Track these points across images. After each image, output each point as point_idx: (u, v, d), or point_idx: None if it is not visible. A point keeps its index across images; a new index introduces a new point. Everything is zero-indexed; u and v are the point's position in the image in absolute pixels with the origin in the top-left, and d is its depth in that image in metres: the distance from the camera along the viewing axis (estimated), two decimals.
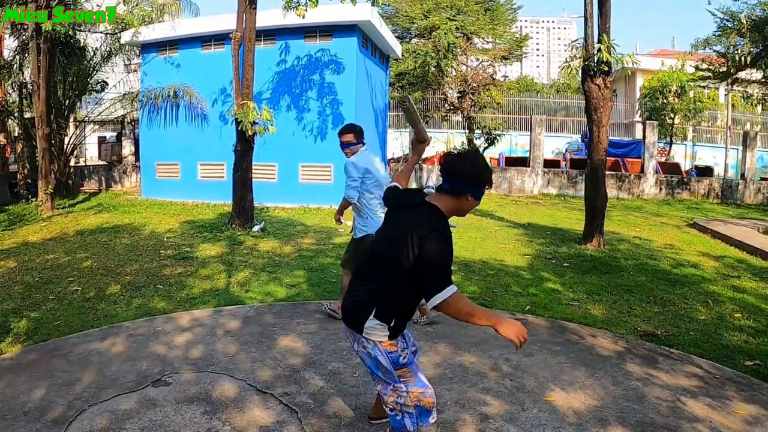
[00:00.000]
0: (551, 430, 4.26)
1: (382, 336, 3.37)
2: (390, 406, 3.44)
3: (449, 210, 3.37)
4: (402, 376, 3.41)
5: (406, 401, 3.39)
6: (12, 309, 7.33)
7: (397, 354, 3.40)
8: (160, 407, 4.54)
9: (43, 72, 16.43)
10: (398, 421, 3.44)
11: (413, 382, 3.43)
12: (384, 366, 3.39)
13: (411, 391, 3.40)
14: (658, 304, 7.86)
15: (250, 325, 6.59)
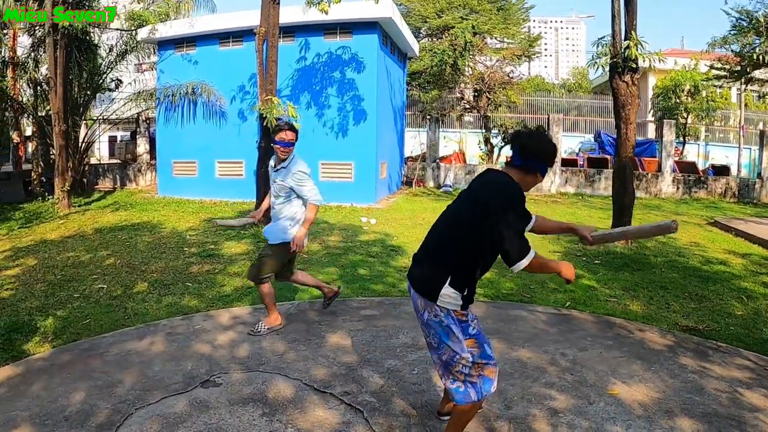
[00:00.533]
0: (622, 423, 4.24)
1: (456, 305, 3.49)
2: (453, 377, 3.56)
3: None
4: (470, 346, 3.52)
5: (471, 371, 3.51)
6: (37, 307, 7.24)
7: (467, 323, 3.55)
8: (214, 409, 4.39)
9: (60, 68, 16.35)
10: (462, 393, 3.53)
11: (479, 353, 3.54)
12: (455, 335, 3.50)
13: (477, 362, 3.52)
14: (694, 300, 7.85)
15: (294, 322, 6.49)
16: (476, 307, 6.85)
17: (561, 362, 5.38)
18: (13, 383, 4.83)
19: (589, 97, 37.73)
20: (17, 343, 5.96)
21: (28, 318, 6.76)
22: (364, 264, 9.50)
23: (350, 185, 17.02)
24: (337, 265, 9.43)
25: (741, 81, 25.21)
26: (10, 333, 6.19)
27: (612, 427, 4.17)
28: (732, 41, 24.46)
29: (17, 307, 7.25)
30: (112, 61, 21.55)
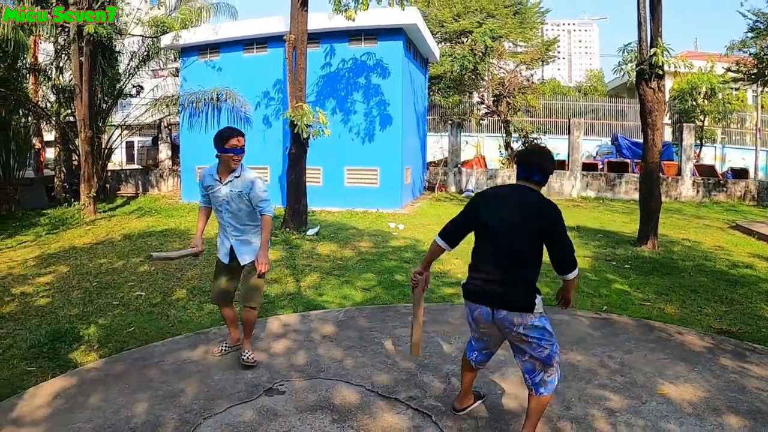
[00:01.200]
0: (675, 420, 4.46)
1: (542, 306, 3.91)
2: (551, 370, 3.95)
3: None
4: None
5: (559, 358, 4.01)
6: (77, 315, 7.25)
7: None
8: (283, 417, 4.44)
9: (85, 75, 16.50)
10: (553, 382, 3.96)
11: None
12: (549, 330, 3.92)
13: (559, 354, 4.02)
14: (725, 304, 8.00)
15: (346, 329, 6.55)
16: None
17: (610, 364, 5.57)
18: (69, 395, 4.84)
19: (604, 99, 37.69)
20: (62, 351, 5.97)
21: (69, 326, 6.76)
22: (399, 270, 9.56)
23: (376, 191, 17.12)
24: (373, 271, 9.49)
25: (758, 83, 25.27)
26: (53, 341, 6.20)
27: (666, 424, 4.37)
28: (750, 44, 24.51)
29: (56, 314, 7.28)
30: (134, 68, 21.73)
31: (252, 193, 5.31)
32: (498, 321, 3.89)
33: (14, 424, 4.34)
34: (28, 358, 5.78)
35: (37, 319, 7.08)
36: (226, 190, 5.34)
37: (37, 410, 4.56)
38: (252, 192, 5.31)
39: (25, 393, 4.90)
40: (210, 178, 5.47)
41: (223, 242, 5.66)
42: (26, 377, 5.32)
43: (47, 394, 4.87)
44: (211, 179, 5.45)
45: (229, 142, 5.21)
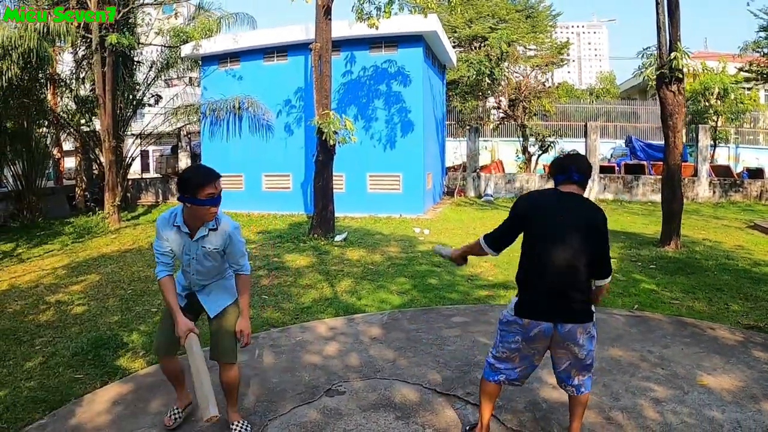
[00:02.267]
0: (717, 408, 4.71)
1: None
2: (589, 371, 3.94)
3: None
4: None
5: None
6: (117, 322, 7.35)
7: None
8: (348, 416, 4.58)
9: (108, 84, 16.74)
10: (590, 379, 3.99)
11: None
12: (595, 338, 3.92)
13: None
14: (749, 300, 8.20)
15: (393, 331, 6.70)
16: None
17: (650, 358, 5.81)
18: (127, 400, 4.92)
19: (617, 102, 37.80)
20: (107, 358, 6.04)
21: (111, 333, 6.85)
22: (431, 274, 9.72)
23: (399, 196, 17.28)
24: (405, 275, 9.64)
25: None
26: (96, 349, 6.28)
27: (709, 412, 4.64)
28: (763, 44, 24.64)
29: (96, 322, 7.38)
30: (154, 77, 21.97)
31: (229, 248, 4.22)
32: (561, 336, 3.73)
33: (75, 430, 4.42)
34: (74, 366, 5.86)
35: (76, 327, 7.18)
36: (203, 244, 4.17)
37: (98, 417, 4.64)
38: (230, 248, 4.22)
39: (81, 399, 5.00)
40: (173, 231, 4.20)
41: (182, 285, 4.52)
42: (74, 384, 5.39)
43: (105, 400, 4.96)
44: (176, 232, 4.19)
45: (203, 191, 3.93)
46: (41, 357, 6.14)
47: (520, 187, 23.00)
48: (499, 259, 10.70)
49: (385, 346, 6.19)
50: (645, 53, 13.68)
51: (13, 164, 18.63)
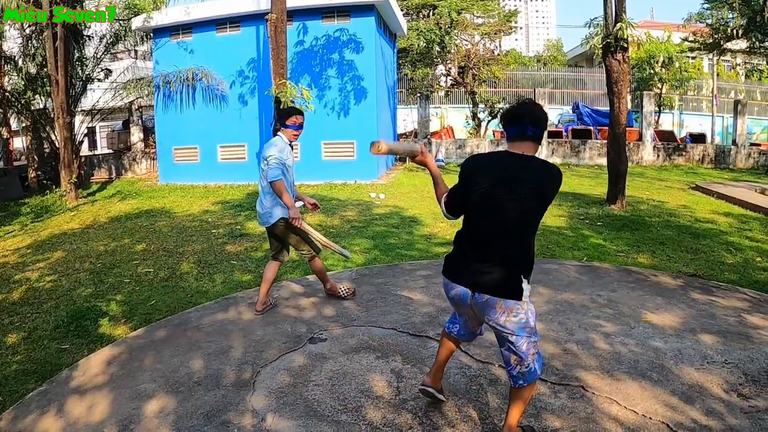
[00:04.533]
0: (660, 339, 5.29)
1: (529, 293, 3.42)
2: (529, 361, 3.44)
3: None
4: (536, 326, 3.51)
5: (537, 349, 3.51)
6: (92, 294, 7.50)
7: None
8: (332, 359, 4.94)
9: (61, 60, 16.44)
10: (534, 372, 3.47)
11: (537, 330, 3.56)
12: (532, 324, 3.45)
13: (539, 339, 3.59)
14: (690, 253, 8.95)
15: (362, 285, 7.04)
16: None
17: (599, 301, 6.37)
18: (121, 361, 5.12)
19: (565, 69, 38.43)
20: (90, 328, 6.25)
21: (88, 305, 7.03)
22: (390, 234, 10.11)
23: (353, 163, 17.50)
24: (365, 237, 10.00)
25: (714, 53, 26.18)
26: (77, 320, 6.47)
27: (654, 342, 5.21)
28: (707, 16, 25.39)
29: (71, 295, 7.51)
30: (104, 51, 21.63)
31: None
32: (479, 306, 3.47)
33: (77, 392, 4.61)
34: (57, 338, 6.05)
35: (52, 302, 7.30)
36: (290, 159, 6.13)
37: (95, 377, 4.85)
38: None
39: (76, 365, 5.18)
40: (284, 150, 6.09)
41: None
42: (62, 354, 5.60)
43: (99, 362, 5.16)
44: (285, 151, 6.10)
45: (297, 119, 6.15)
46: (23, 332, 6.29)
47: (471, 152, 23.27)
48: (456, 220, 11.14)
49: (358, 298, 6.55)
50: (592, 23, 14.17)
51: None
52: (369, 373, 4.67)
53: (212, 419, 4.05)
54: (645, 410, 4.02)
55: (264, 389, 4.46)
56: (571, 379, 4.49)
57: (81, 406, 4.38)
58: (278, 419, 4.01)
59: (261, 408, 4.17)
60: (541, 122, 3.47)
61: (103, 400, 4.44)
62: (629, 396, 4.21)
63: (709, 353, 4.92)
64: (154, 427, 3.99)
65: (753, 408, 4.02)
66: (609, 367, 4.70)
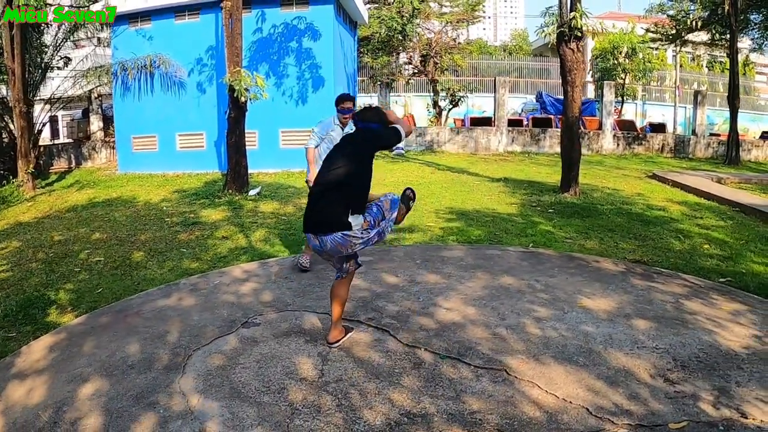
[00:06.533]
0: (592, 324, 5.31)
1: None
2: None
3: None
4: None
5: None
6: (41, 283, 7.60)
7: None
8: (263, 342, 5.03)
9: (17, 47, 16.27)
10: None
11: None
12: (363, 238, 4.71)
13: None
14: (638, 240, 9.05)
15: (302, 271, 7.12)
16: (456, 249, 8.03)
17: (536, 286, 6.40)
18: (62, 347, 5.21)
19: (529, 59, 38.74)
20: (37, 317, 6.36)
21: (37, 294, 7.13)
22: None
23: None
24: None
25: (676, 44, 26.55)
26: (25, 308, 6.57)
27: (585, 327, 5.23)
28: (667, 8, 25.75)
29: (21, 285, 7.61)
30: (62, 39, 21.34)
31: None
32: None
33: (17, 377, 4.70)
34: (5, 327, 6.12)
35: (2, 292, 7.38)
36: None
37: (36, 363, 4.93)
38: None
39: (18, 352, 5.25)
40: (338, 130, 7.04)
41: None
42: (9, 342, 5.67)
43: (40, 349, 5.23)
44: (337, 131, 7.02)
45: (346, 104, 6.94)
46: None
47: (431, 140, 23.40)
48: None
49: (296, 284, 6.64)
50: (547, 12, 14.30)
51: None
52: (296, 356, 4.77)
53: (141, 400, 4.15)
54: (566, 394, 4.05)
55: (193, 372, 4.55)
56: (495, 363, 4.54)
57: (20, 390, 4.47)
58: (203, 400, 4.10)
59: (188, 390, 4.26)
60: (368, 118, 4.94)
61: (41, 384, 4.53)
62: (552, 380, 4.25)
63: (640, 338, 4.95)
64: (86, 409, 4.09)
65: (679, 393, 4.04)
66: (536, 351, 4.74)
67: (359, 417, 3.84)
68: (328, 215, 4.48)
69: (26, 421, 4.02)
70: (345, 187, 4.52)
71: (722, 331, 5.09)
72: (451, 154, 22.34)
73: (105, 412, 4.04)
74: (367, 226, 4.59)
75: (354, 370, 4.49)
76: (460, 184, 14.31)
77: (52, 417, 4.02)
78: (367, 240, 4.58)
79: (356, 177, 4.60)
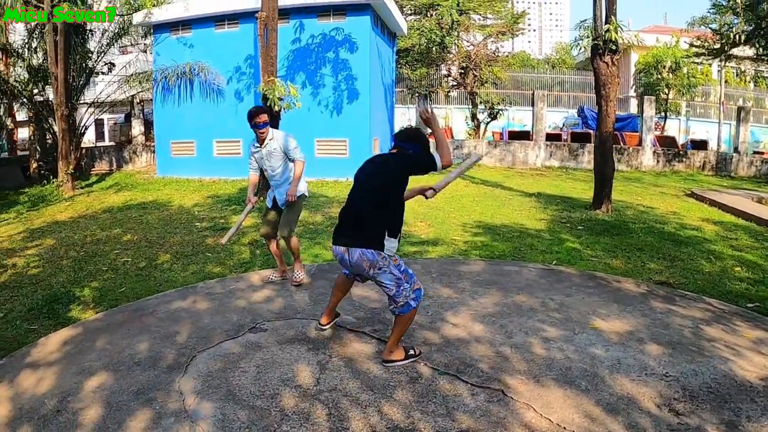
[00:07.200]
0: (601, 347, 5.14)
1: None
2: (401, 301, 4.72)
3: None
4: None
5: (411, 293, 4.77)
6: (69, 280, 7.94)
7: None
8: (266, 348, 5.13)
9: (61, 53, 16.75)
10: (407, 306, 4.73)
11: None
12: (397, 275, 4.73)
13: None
14: (667, 260, 8.70)
15: (318, 280, 7.23)
16: (475, 264, 7.97)
17: (550, 304, 6.26)
18: (76, 341, 5.48)
19: (572, 72, 38.31)
20: (60, 312, 6.66)
21: (63, 290, 7.44)
22: None
23: (345, 161, 17.53)
24: None
25: (720, 58, 26.04)
26: (50, 303, 6.88)
27: (594, 350, 5.06)
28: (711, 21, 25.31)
29: (50, 281, 7.96)
30: (106, 45, 21.81)
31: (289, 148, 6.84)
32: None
33: (30, 367, 4.96)
34: (29, 319, 6.47)
35: (31, 287, 7.74)
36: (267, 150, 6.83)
37: (50, 355, 5.20)
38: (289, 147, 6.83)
39: (36, 343, 5.54)
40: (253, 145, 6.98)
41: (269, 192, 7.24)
42: (30, 334, 5.99)
43: (56, 342, 5.51)
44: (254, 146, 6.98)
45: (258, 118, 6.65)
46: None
47: (468, 153, 23.24)
48: (435, 219, 11.21)
49: (309, 293, 6.74)
50: (582, 25, 14.18)
51: None
52: (295, 363, 4.84)
53: (140, 396, 4.32)
54: (561, 419, 3.93)
55: (194, 372, 4.69)
56: (493, 381, 4.49)
57: (31, 378, 4.72)
58: (199, 401, 4.22)
59: (186, 389, 4.40)
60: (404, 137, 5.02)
61: (51, 374, 4.77)
62: (549, 403, 4.14)
63: (650, 364, 4.76)
64: (89, 400, 4.29)
65: (682, 425, 3.84)
66: (537, 372, 4.64)
67: (345, 427, 3.87)
68: (368, 229, 4.63)
69: (32, 407, 4.24)
70: (385, 209, 4.69)
71: (740, 360, 4.84)
72: (487, 167, 22.20)
73: (105, 404, 4.23)
74: (397, 263, 4.69)
75: (350, 380, 4.52)
76: (492, 198, 14.26)
77: (57, 405, 4.24)
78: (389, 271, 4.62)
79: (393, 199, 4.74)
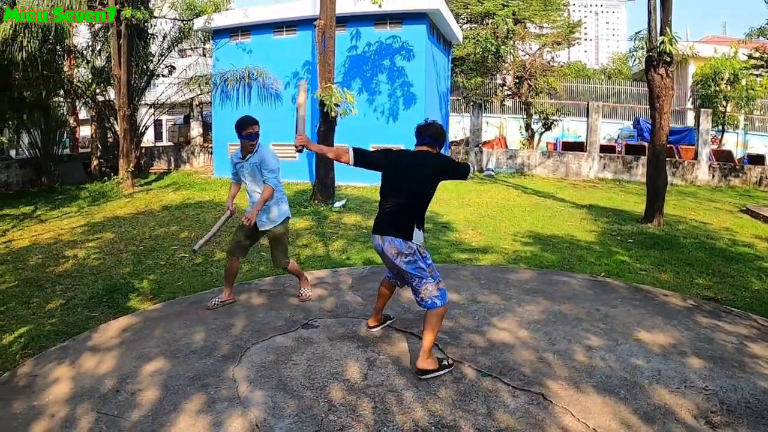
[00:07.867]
0: (643, 358, 5.16)
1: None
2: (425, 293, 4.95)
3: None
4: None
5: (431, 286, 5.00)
6: (129, 273, 8.35)
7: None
8: (317, 344, 5.36)
9: (124, 56, 17.43)
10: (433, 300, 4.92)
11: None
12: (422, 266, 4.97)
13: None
14: (716, 276, 8.56)
15: (369, 282, 7.41)
16: (523, 273, 8.07)
17: (595, 315, 6.29)
18: (135, 328, 5.81)
19: (628, 83, 37.88)
20: (120, 301, 7.05)
21: (123, 281, 7.86)
22: None
23: None
24: None
25: None
26: (110, 293, 7.29)
27: (635, 360, 5.10)
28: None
29: (110, 272, 8.39)
30: (167, 49, 22.47)
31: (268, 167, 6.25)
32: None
33: (92, 350, 5.31)
34: (90, 307, 6.87)
35: (92, 277, 8.21)
36: (250, 162, 6.26)
37: (110, 340, 5.54)
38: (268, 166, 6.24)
39: (97, 329, 5.89)
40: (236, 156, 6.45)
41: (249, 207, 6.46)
42: (91, 321, 6.37)
43: (116, 328, 5.86)
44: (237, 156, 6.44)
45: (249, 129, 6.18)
46: (62, 300, 7.21)
47: (521, 163, 23.27)
48: (487, 228, 11.33)
49: (360, 293, 6.95)
50: (637, 37, 14.14)
51: (32, 133, 19.41)
52: (345, 359, 5.05)
53: (195, 382, 4.60)
54: (597, 424, 3.98)
55: (248, 363, 4.95)
56: (533, 385, 4.58)
57: (92, 360, 5.07)
58: (251, 389, 4.46)
59: (240, 378, 4.65)
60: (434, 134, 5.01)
61: (111, 358, 5.12)
62: (587, 409, 4.20)
63: (691, 377, 4.75)
64: (146, 383, 4.60)
65: None
66: (578, 379, 4.71)
67: (389, 420, 4.05)
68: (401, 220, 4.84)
69: (92, 386, 4.56)
70: (420, 205, 4.92)
71: None
72: (540, 178, 22.18)
73: (162, 387, 4.52)
74: (424, 255, 4.90)
75: (396, 377, 4.71)
76: (543, 209, 14.29)
77: (115, 386, 4.56)
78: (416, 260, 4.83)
79: (428, 198, 4.96)
